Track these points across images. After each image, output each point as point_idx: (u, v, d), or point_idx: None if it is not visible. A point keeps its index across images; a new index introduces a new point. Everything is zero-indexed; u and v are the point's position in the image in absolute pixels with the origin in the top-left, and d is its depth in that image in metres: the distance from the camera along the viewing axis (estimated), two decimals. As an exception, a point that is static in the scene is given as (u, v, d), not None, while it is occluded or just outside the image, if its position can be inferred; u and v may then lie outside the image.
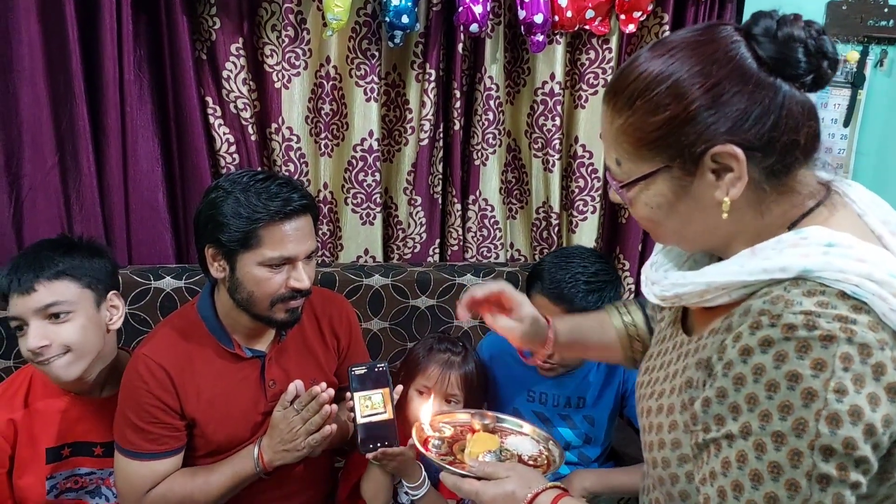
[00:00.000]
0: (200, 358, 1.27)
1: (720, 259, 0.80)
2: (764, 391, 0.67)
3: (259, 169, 1.71)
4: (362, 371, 1.24)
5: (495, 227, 2.10)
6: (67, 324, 1.25)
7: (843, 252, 0.69)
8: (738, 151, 0.71)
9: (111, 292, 1.34)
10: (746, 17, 2.16)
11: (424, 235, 2.04)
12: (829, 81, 0.73)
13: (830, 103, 2.32)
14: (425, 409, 1.18)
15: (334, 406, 1.27)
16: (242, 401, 1.30)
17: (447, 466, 1.03)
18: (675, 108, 0.72)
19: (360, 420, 1.22)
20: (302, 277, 1.22)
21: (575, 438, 1.56)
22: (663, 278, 0.84)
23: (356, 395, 1.23)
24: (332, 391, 1.26)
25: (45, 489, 1.31)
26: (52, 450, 1.31)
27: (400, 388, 1.34)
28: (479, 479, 0.97)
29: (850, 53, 2.28)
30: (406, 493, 1.38)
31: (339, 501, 1.52)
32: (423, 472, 1.36)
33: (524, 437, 1.19)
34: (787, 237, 0.73)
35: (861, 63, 2.27)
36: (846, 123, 2.34)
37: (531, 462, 1.13)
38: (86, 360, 1.27)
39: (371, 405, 1.23)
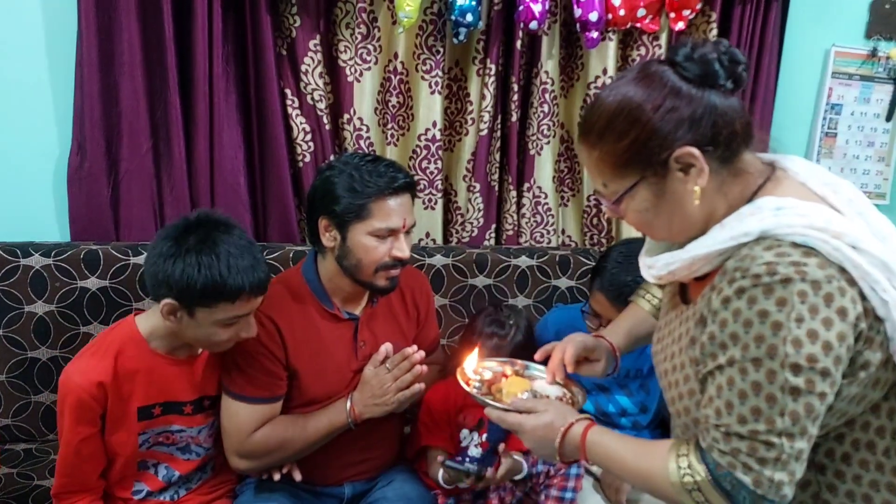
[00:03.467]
0: (304, 316, 1.42)
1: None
2: (742, 328, 0.85)
3: (364, 152, 1.87)
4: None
5: (548, 213, 2.22)
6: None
7: (789, 211, 0.87)
8: (694, 150, 0.89)
9: None
10: (792, 15, 2.27)
11: (482, 220, 2.17)
12: (746, 81, 0.91)
13: (873, 98, 2.40)
14: (469, 359, 1.31)
15: (424, 367, 1.40)
16: (337, 357, 1.44)
17: (492, 402, 1.17)
18: (636, 132, 0.90)
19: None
20: (403, 248, 1.37)
21: (631, 406, 1.68)
22: (656, 261, 1.00)
23: None
24: (423, 353, 1.40)
25: (138, 443, 1.39)
26: (143, 409, 1.38)
27: None
28: (519, 412, 1.12)
29: (892, 51, 2.35)
30: (475, 445, 1.51)
31: (408, 458, 1.65)
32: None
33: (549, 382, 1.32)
34: (745, 209, 0.91)
35: (903, 60, 2.35)
36: (888, 118, 2.41)
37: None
38: None
39: None
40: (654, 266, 1.01)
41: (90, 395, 1.32)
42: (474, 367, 1.31)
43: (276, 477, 1.44)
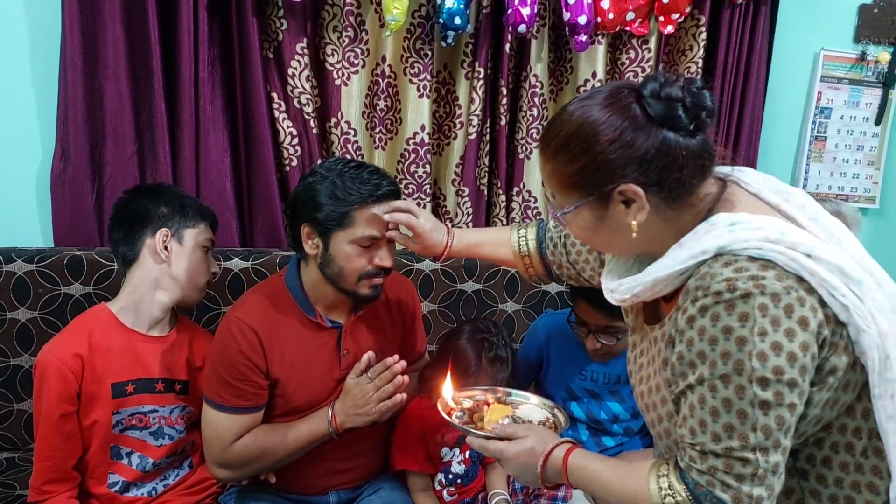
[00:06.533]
0: (285, 324, 1.39)
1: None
2: (708, 346, 0.86)
3: (349, 158, 1.84)
4: None
5: (537, 217, 2.21)
6: None
7: (744, 226, 0.88)
8: (637, 189, 0.90)
9: None
10: (781, 19, 2.26)
11: (471, 225, 2.16)
12: (708, 126, 0.91)
13: (862, 102, 2.40)
14: (446, 387, 1.28)
15: (406, 377, 1.38)
16: (319, 366, 1.42)
17: (473, 430, 1.16)
18: (586, 159, 0.91)
19: None
20: (386, 256, 1.35)
21: (623, 412, 1.66)
22: (619, 285, 1.01)
23: None
24: (404, 363, 1.37)
25: (112, 423, 1.40)
26: (116, 385, 1.40)
27: None
28: (501, 439, 1.11)
29: (881, 54, 2.36)
30: (459, 462, 1.50)
31: (392, 468, 1.61)
32: None
33: (532, 406, 1.30)
34: (701, 227, 0.92)
35: (892, 63, 2.35)
36: (878, 122, 2.42)
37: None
38: None
39: None
40: (617, 290, 1.01)
41: (68, 366, 1.36)
42: (453, 396, 1.27)
43: (244, 482, 1.44)
